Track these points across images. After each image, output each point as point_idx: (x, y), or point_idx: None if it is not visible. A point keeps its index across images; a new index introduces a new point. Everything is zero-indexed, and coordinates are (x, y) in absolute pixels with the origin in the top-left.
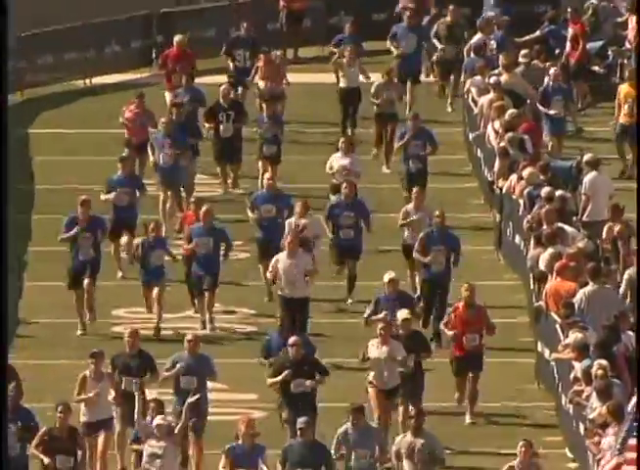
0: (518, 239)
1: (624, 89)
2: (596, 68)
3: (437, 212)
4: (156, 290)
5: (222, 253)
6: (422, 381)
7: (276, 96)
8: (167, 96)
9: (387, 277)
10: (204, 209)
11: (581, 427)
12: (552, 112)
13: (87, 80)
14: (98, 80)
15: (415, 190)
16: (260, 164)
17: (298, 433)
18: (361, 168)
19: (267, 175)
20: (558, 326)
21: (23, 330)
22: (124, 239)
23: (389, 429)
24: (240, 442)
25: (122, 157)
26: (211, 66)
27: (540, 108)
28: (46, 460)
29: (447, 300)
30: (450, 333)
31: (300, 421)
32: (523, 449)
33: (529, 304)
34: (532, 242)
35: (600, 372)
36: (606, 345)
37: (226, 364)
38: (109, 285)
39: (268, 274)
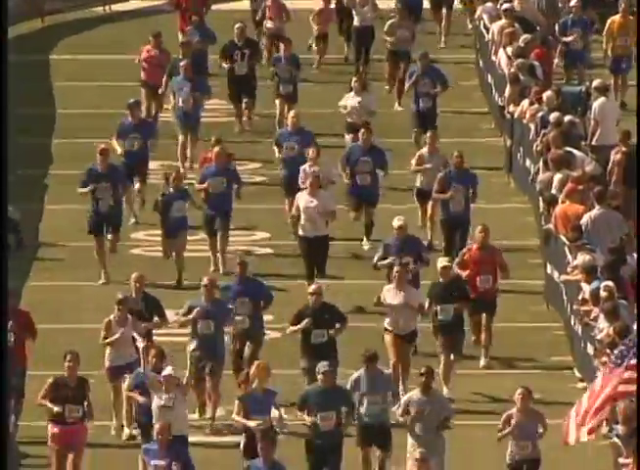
0: (528, 163)
1: (617, 21)
2: None
3: (456, 153)
4: (177, 244)
5: (235, 192)
6: (462, 332)
7: (283, 35)
8: (180, 37)
9: (396, 223)
10: (216, 149)
11: (590, 347)
12: (570, 38)
13: (106, 7)
14: (117, 7)
15: (429, 134)
16: (277, 102)
17: (320, 378)
18: (375, 107)
19: (292, 113)
20: (566, 248)
21: (44, 253)
22: (137, 185)
23: (408, 375)
24: (253, 387)
25: (130, 103)
26: None
27: (560, 38)
28: (56, 408)
29: (467, 239)
30: (462, 272)
31: (321, 366)
32: (520, 396)
33: (539, 226)
34: (542, 166)
35: (607, 294)
36: (612, 267)
37: None
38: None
39: (294, 211)
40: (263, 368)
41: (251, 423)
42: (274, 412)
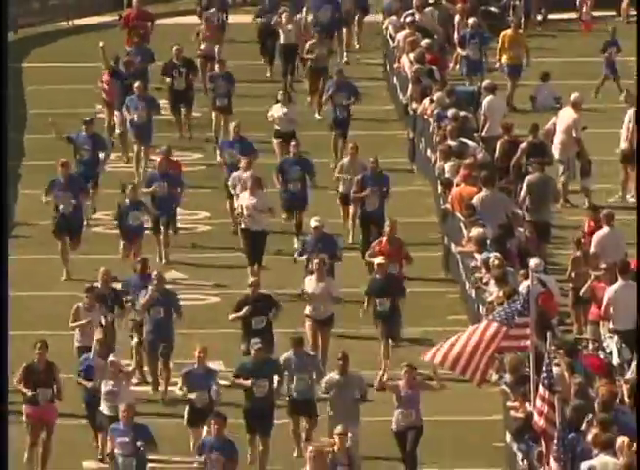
0: (428, 152)
1: (508, 35)
2: (492, 8)
3: (372, 159)
4: (133, 249)
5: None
6: (399, 320)
7: (213, 56)
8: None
9: (313, 223)
10: (159, 158)
11: (482, 308)
12: (469, 51)
13: (70, 22)
14: (79, 22)
15: (350, 145)
16: (214, 114)
17: (253, 353)
18: (297, 117)
19: (233, 124)
20: (461, 224)
21: (19, 231)
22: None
23: (326, 353)
24: (195, 366)
25: (86, 120)
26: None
27: (458, 50)
28: (30, 392)
29: (381, 234)
30: (373, 261)
31: (254, 342)
32: (406, 372)
33: (438, 206)
34: (439, 155)
35: (497, 262)
36: (501, 240)
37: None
38: None
39: (237, 209)
40: (203, 350)
41: (247, 382)
42: (214, 389)
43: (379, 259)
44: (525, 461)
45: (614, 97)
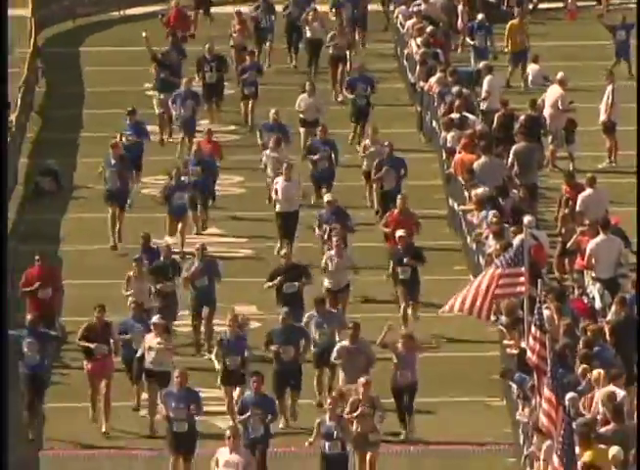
0: (434, 124)
1: (514, 24)
2: None
3: (387, 143)
4: (180, 225)
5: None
6: (417, 285)
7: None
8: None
9: (326, 198)
10: (200, 141)
11: (482, 260)
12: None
13: (121, 11)
14: (129, 11)
15: (371, 129)
16: (242, 103)
17: (280, 320)
18: (322, 106)
19: (273, 110)
20: (463, 186)
21: (76, 193)
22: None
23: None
24: (228, 333)
25: (129, 110)
26: None
27: (467, 40)
28: (92, 346)
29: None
30: (386, 230)
31: (282, 311)
32: (403, 339)
33: (442, 171)
34: (443, 126)
35: (494, 219)
36: (497, 200)
37: None
38: None
39: (272, 194)
40: (234, 318)
41: (275, 349)
42: (245, 352)
43: (401, 232)
44: (518, 391)
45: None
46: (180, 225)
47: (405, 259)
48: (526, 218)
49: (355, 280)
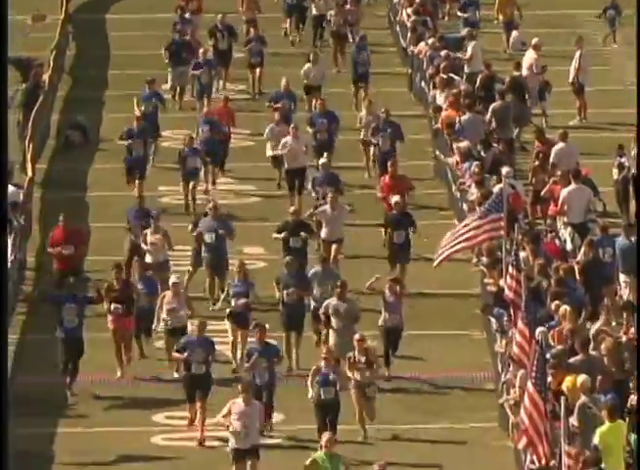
0: (423, 84)
1: None
2: None
3: (383, 109)
4: (191, 185)
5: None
6: (409, 247)
7: (255, 21)
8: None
9: (321, 161)
10: (204, 110)
11: (465, 206)
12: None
13: None
14: None
15: (367, 100)
16: (249, 70)
17: (285, 266)
18: (325, 74)
19: (284, 80)
20: (448, 140)
21: (102, 146)
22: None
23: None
24: (236, 280)
25: (148, 80)
26: None
27: (459, 13)
28: (112, 306)
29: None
30: (380, 195)
31: (288, 258)
32: (389, 285)
33: (430, 126)
34: (431, 86)
35: (477, 170)
36: (479, 152)
37: None
38: None
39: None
40: (241, 266)
41: (279, 293)
42: (251, 299)
43: (396, 198)
44: (497, 324)
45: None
46: (191, 185)
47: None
48: (505, 169)
49: (349, 235)
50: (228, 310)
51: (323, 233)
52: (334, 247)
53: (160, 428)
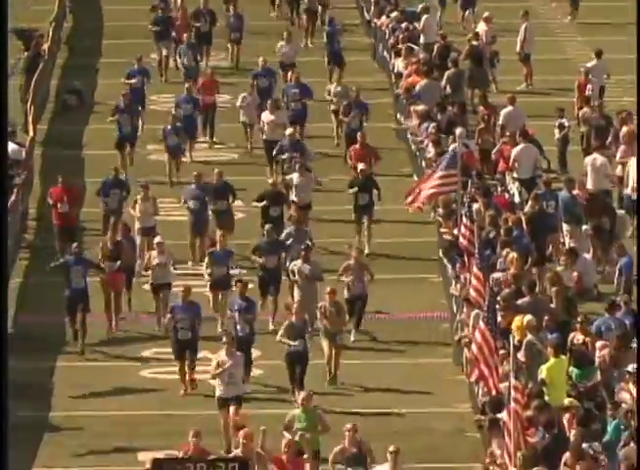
0: (385, 53)
1: None
2: None
3: (354, 88)
4: (174, 163)
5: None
6: (373, 207)
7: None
8: None
9: (287, 131)
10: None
11: (423, 163)
12: None
13: None
14: None
15: (336, 72)
16: (229, 45)
17: (265, 234)
18: (298, 51)
19: (261, 58)
20: (407, 104)
21: (96, 108)
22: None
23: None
24: (218, 248)
25: (138, 57)
26: None
27: None
28: (103, 265)
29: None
30: (350, 163)
31: (267, 227)
32: (355, 254)
33: (392, 91)
34: (393, 55)
35: (433, 130)
36: (436, 114)
37: None
38: None
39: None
40: (224, 236)
41: (260, 260)
42: (230, 265)
43: (361, 165)
44: (452, 270)
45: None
46: (174, 162)
47: None
48: (458, 130)
49: (318, 201)
50: (209, 278)
51: (292, 196)
52: (303, 212)
53: (148, 363)
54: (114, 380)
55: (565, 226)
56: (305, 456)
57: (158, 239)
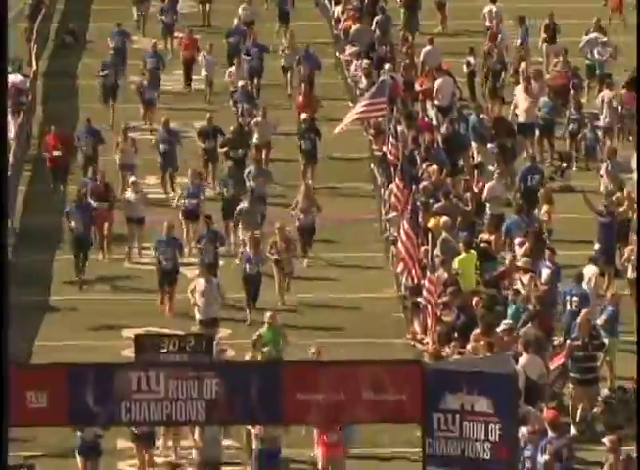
0: (326, 1)
1: None
2: None
3: (307, 44)
4: (148, 115)
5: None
6: (315, 150)
7: None
8: None
9: (240, 83)
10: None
11: (357, 92)
12: None
13: None
14: None
15: (289, 33)
16: (200, 6)
17: (226, 170)
18: (257, 11)
19: (235, 20)
20: (344, 43)
21: (82, 80)
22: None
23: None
24: (190, 180)
25: (118, 23)
26: None
27: None
28: (94, 204)
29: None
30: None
31: (227, 163)
32: (304, 189)
33: (331, 32)
34: (333, 3)
35: (366, 66)
36: (369, 52)
37: None
38: None
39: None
40: (194, 173)
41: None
42: (201, 198)
43: (304, 115)
44: (380, 179)
45: None
46: (148, 115)
47: None
48: (387, 65)
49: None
50: (182, 209)
51: (255, 139)
52: (264, 151)
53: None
54: (103, 271)
55: (473, 144)
56: None
57: (132, 178)
